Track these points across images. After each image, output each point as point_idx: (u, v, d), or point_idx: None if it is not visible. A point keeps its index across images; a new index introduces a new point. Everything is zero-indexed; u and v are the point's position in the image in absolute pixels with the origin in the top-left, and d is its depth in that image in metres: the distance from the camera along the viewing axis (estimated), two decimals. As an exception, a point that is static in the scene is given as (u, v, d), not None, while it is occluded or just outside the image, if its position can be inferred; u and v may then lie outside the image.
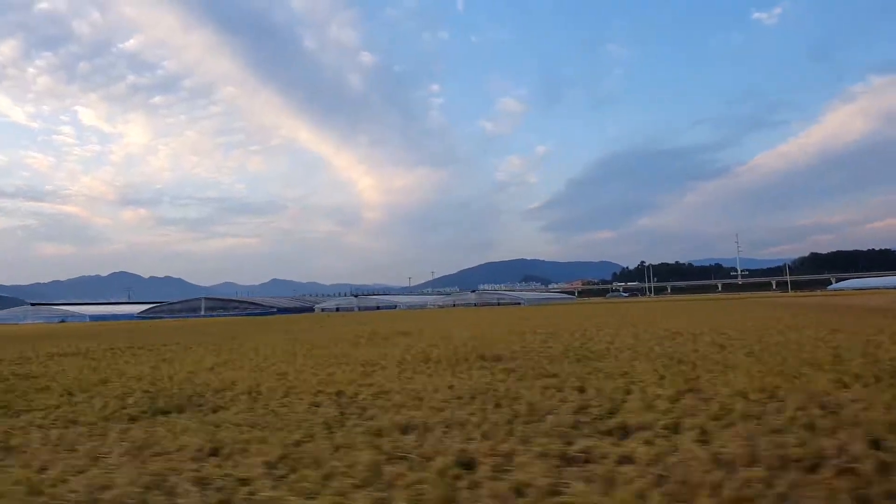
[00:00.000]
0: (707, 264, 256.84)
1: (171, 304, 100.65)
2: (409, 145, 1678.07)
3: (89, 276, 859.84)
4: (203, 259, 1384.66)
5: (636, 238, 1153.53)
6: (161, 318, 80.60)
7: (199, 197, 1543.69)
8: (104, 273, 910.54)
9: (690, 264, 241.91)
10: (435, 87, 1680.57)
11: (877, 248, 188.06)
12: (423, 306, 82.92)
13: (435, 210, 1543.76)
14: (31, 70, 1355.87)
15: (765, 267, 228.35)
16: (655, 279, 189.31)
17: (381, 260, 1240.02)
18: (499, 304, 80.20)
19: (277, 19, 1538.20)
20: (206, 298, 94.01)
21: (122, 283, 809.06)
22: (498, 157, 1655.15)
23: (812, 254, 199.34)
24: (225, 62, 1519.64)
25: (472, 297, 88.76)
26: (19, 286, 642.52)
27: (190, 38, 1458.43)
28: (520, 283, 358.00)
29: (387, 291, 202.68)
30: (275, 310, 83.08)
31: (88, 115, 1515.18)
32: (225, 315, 78.16)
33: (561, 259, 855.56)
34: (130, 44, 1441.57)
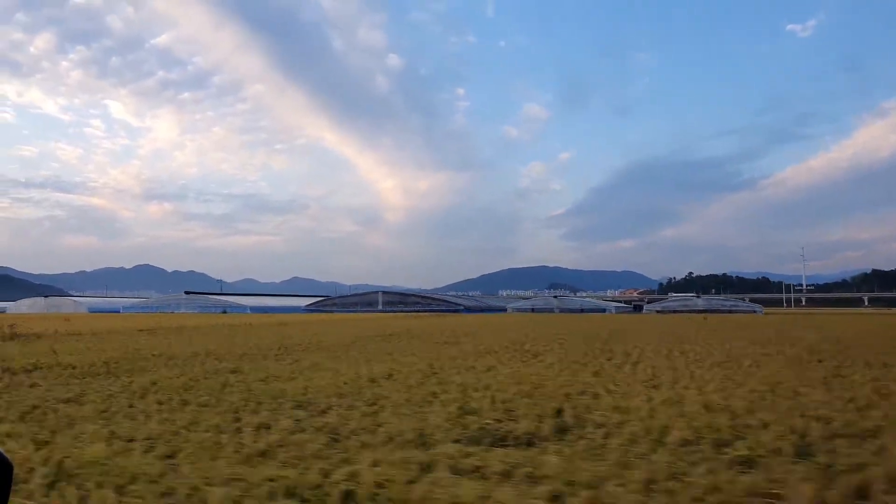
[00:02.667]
0: (749, 277, 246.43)
1: (343, 297, 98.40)
2: (432, 148, 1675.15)
3: (114, 269, 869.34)
4: (225, 255, 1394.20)
5: (658, 248, 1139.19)
6: (332, 311, 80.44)
7: (223, 193, 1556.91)
8: (128, 265, 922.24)
9: (739, 277, 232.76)
10: (460, 91, 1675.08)
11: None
12: (605, 310, 79.11)
13: (456, 214, 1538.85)
14: (64, 63, 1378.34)
15: (794, 282, 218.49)
16: (702, 291, 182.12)
17: (401, 262, 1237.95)
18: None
19: (307, 19, 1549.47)
20: (383, 293, 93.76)
21: (146, 276, 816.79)
22: (521, 163, 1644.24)
23: (874, 270, 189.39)
24: (253, 60, 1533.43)
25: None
26: (46, 275, 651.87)
27: (220, 35, 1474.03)
28: (546, 290, 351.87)
29: (411, 293, 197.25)
30: (462, 308, 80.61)
31: (118, 108, 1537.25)
32: (406, 310, 76.36)
33: (583, 267, 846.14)
34: (161, 39, 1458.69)
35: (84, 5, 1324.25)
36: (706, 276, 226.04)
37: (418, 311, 72.37)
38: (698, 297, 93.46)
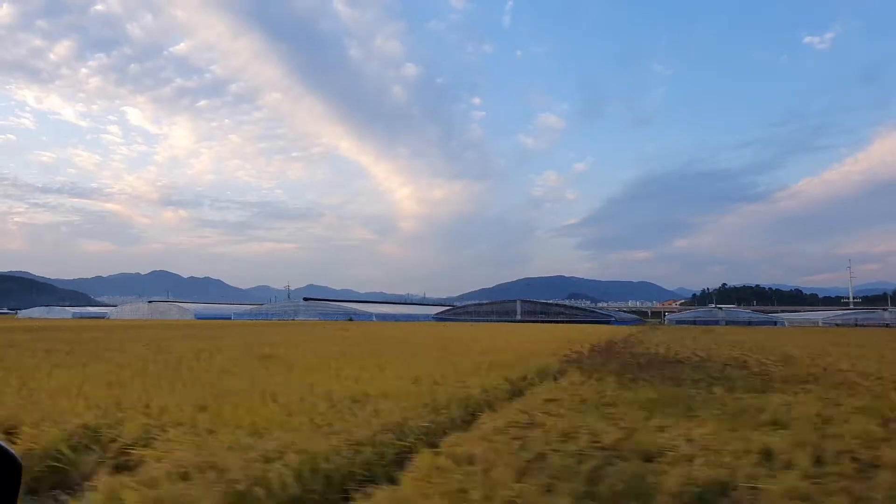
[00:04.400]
0: (780, 288, 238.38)
1: (478, 305, 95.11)
2: (447, 157, 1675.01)
3: (130, 274, 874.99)
4: (240, 262, 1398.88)
5: (673, 259, 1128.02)
6: (465, 320, 78.58)
7: (239, 201, 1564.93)
8: (144, 271, 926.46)
9: (773, 288, 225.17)
10: (476, 101, 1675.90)
11: None
12: (776, 323, 74.14)
13: (471, 223, 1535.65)
14: (83, 70, 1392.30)
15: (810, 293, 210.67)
16: (741, 303, 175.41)
17: (416, 271, 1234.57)
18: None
19: (325, 28, 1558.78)
20: (521, 301, 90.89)
21: (161, 282, 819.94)
22: (535, 173, 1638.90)
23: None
24: (271, 68, 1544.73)
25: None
26: (63, 280, 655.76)
27: (238, 43, 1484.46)
28: (566, 300, 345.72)
29: (424, 302, 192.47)
30: (612, 319, 77.26)
31: (136, 115, 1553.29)
32: (548, 320, 73.51)
33: (599, 278, 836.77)
34: (180, 47, 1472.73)
35: (105, 13, 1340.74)
36: (740, 286, 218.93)
37: (563, 322, 67.21)
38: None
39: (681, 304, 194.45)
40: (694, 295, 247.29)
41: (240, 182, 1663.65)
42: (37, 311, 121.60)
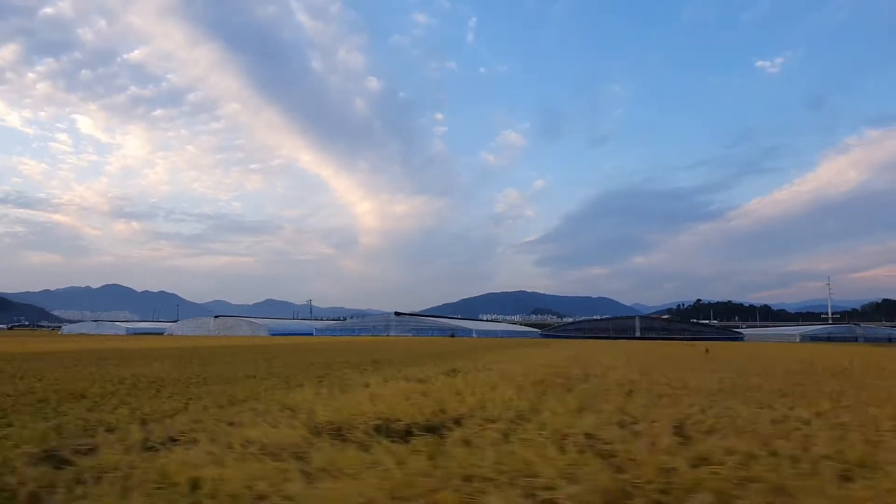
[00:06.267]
0: (753, 304, 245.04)
1: (589, 321, 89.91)
2: (409, 173, 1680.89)
3: (80, 288, 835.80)
4: (197, 276, 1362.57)
5: (629, 275, 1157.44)
6: (574, 336, 73.41)
7: (195, 213, 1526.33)
8: (95, 285, 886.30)
9: (752, 305, 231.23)
10: (439, 116, 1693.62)
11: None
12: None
13: (433, 239, 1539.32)
14: (30, 75, 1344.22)
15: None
16: (719, 318, 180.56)
17: (376, 286, 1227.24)
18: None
19: (286, 39, 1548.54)
20: (640, 318, 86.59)
21: (114, 296, 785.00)
22: (497, 190, 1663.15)
23: (885, 300, 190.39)
24: (230, 79, 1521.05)
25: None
26: (9, 294, 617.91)
27: (197, 52, 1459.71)
28: (531, 315, 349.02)
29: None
30: (741, 336, 73.26)
31: (87, 123, 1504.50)
32: (669, 337, 68.91)
33: (559, 293, 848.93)
34: (135, 55, 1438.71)
35: (55, 16, 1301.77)
36: (715, 303, 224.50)
37: (688, 339, 61.31)
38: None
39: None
40: (669, 310, 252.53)
41: (196, 194, 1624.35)
42: (84, 327, 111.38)
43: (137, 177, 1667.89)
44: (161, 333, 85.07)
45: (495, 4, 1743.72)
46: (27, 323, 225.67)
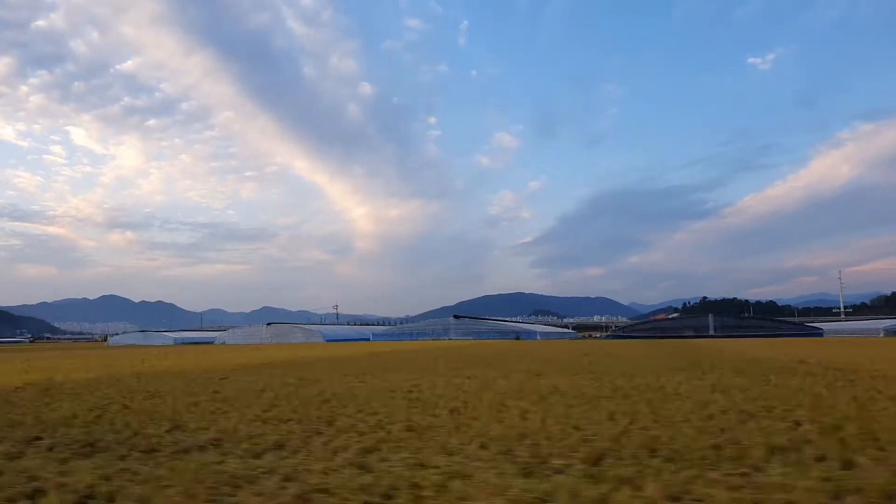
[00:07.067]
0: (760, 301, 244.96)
1: (665, 320, 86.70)
2: (403, 177, 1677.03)
3: (77, 299, 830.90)
4: (193, 285, 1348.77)
5: (625, 275, 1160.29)
6: (643, 337, 69.86)
7: (190, 222, 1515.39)
8: (92, 296, 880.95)
9: (759, 301, 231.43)
10: (432, 120, 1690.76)
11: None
12: None
13: (428, 242, 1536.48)
14: (24, 88, 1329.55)
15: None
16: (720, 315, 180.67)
17: (372, 291, 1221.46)
18: None
19: (279, 46, 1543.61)
20: (713, 315, 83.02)
21: (111, 307, 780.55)
22: (492, 192, 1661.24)
23: (895, 293, 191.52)
24: (223, 87, 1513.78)
25: None
26: (5, 307, 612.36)
27: (189, 61, 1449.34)
28: (531, 315, 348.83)
29: (386, 322, 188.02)
30: (821, 331, 71.09)
31: (80, 135, 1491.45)
32: (749, 335, 65.08)
33: (556, 294, 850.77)
34: (128, 65, 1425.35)
35: (47, 29, 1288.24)
36: (719, 300, 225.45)
37: (766, 336, 59.34)
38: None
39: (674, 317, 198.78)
40: (675, 309, 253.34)
41: (190, 203, 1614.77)
42: (129, 338, 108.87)
43: (132, 187, 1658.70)
44: (211, 342, 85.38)
45: (487, 6, 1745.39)
46: (30, 336, 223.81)
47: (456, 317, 78.35)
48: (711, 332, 74.27)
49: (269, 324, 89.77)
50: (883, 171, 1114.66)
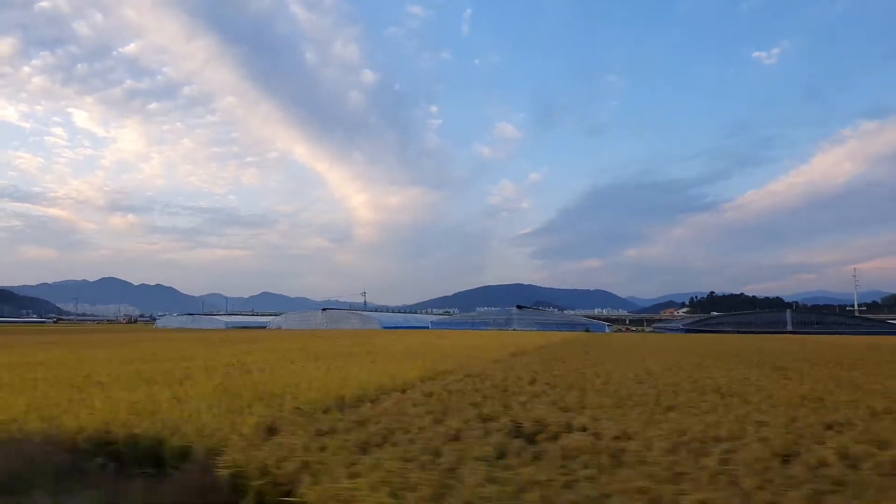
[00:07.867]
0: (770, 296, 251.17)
1: (738, 314, 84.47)
2: (404, 165, 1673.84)
3: (77, 281, 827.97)
4: (192, 269, 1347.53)
5: (623, 268, 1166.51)
6: (719, 331, 67.80)
7: (190, 206, 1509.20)
8: (92, 278, 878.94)
9: (766, 297, 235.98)
10: (433, 109, 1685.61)
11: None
12: None
13: (428, 231, 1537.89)
14: (26, 69, 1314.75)
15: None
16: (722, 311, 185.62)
17: (372, 278, 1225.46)
18: None
19: (281, 32, 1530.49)
20: (791, 310, 79.21)
21: (111, 289, 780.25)
22: (492, 182, 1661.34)
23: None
24: (225, 72, 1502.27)
25: None
26: (6, 287, 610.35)
27: (192, 45, 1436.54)
28: (532, 307, 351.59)
29: (384, 310, 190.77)
30: None
31: (82, 117, 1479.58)
32: (829, 331, 63.27)
33: (554, 286, 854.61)
34: (131, 48, 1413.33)
35: (50, 10, 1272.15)
36: (725, 295, 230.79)
37: (845, 333, 57.23)
38: None
39: (685, 312, 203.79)
40: (683, 304, 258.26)
41: (191, 187, 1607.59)
42: (177, 321, 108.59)
43: (133, 170, 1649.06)
44: (263, 327, 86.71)
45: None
46: (36, 316, 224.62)
47: (519, 307, 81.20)
48: (790, 329, 72.97)
49: (324, 309, 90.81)
50: (885, 169, 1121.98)
